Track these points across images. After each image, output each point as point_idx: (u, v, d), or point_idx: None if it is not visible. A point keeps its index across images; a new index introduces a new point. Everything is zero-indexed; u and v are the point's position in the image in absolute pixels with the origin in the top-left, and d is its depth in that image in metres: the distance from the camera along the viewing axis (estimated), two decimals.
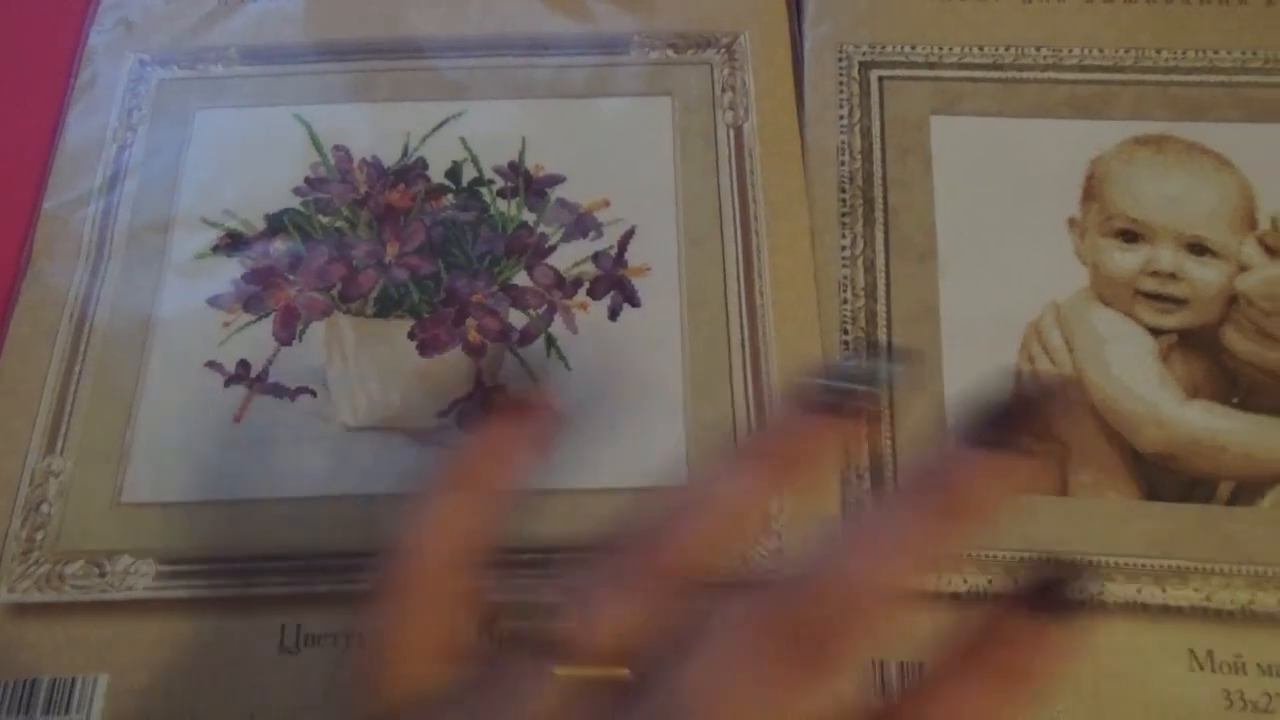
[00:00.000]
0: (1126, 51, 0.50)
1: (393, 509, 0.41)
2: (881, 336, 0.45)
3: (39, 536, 0.41)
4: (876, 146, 0.49)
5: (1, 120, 0.51)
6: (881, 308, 0.46)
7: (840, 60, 0.51)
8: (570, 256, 0.47)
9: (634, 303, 0.46)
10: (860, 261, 0.47)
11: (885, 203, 0.48)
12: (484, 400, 0.44)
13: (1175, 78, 0.50)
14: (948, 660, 0.24)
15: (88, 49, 0.52)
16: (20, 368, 0.44)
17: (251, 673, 0.39)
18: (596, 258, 0.46)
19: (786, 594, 0.23)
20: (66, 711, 0.38)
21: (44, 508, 0.42)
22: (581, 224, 0.47)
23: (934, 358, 0.45)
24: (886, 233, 0.47)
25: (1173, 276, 0.46)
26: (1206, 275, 0.46)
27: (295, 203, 0.48)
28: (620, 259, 0.46)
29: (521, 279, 0.46)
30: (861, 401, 0.27)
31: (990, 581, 0.41)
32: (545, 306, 0.45)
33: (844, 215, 0.48)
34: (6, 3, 0.54)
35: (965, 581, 0.41)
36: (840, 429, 0.27)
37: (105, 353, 0.45)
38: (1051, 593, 0.25)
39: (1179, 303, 0.45)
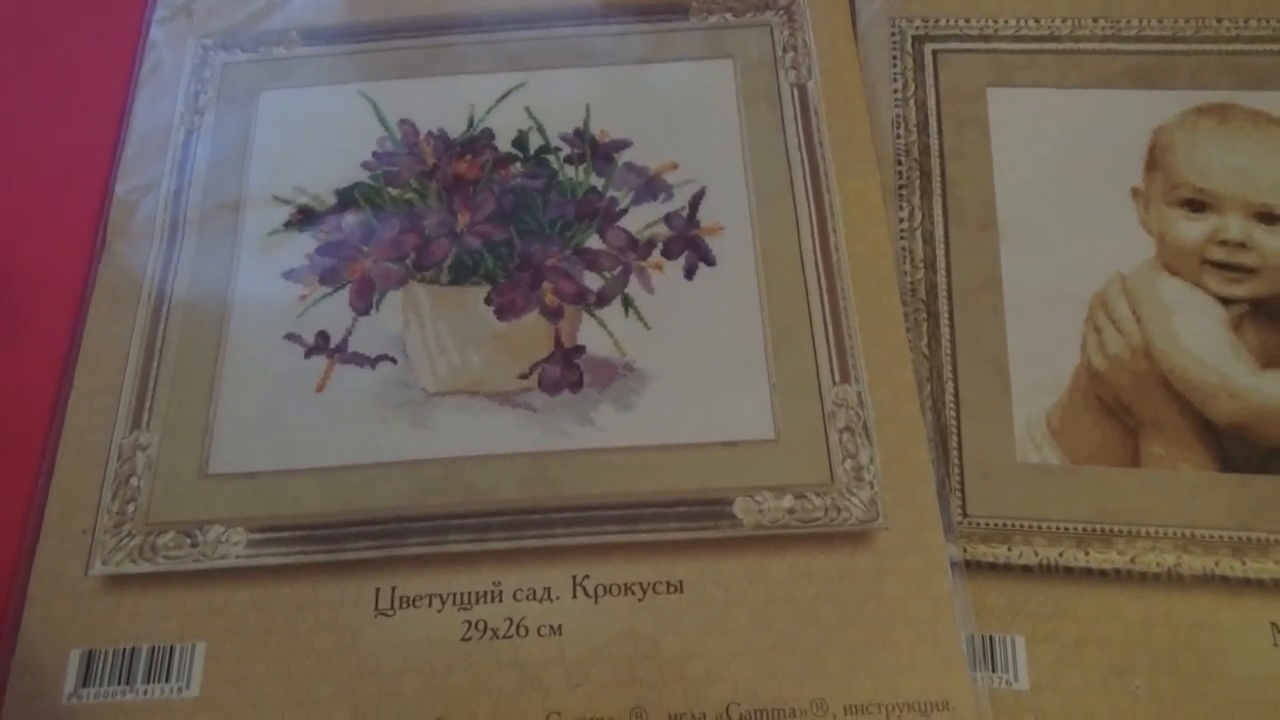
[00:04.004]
0: (1186, 21, 0.50)
1: (479, 470, 0.41)
2: (943, 307, 0.45)
3: (130, 509, 0.41)
4: (932, 119, 0.48)
5: (70, 109, 0.51)
6: (942, 279, 0.45)
7: (893, 35, 0.50)
8: (642, 218, 0.46)
9: (709, 261, 0.45)
10: (919, 234, 0.46)
11: (943, 174, 0.47)
12: (564, 360, 0.43)
13: (1238, 46, 0.49)
14: None
15: (150, 37, 0.52)
16: (102, 347, 0.45)
17: (347, 636, 0.39)
18: (669, 219, 0.46)
19: None
20: (167, 679, 0.38)
21: (133, 481, 0.42)
22: (651, 186, 0.47)
23: (997, 327, 0.44)
24: (945, 204, 0.47)
25: (1242, 245, 0.45)
26: (1277, 244, 0.45)
27: (364, 177, 0.48)
28: (692, 219, 0.46)
29: (594, 242, 0.46)
30: None
31: (1061, 554, 0.40)
32: (620, 268, 0.45)
33: (901, 188, 0.47)
34: None
35: (1037, 554, 0.40)
36: None
37: (184, 330, 0.45)
38: None
39: (1249, 271, 0.44)
